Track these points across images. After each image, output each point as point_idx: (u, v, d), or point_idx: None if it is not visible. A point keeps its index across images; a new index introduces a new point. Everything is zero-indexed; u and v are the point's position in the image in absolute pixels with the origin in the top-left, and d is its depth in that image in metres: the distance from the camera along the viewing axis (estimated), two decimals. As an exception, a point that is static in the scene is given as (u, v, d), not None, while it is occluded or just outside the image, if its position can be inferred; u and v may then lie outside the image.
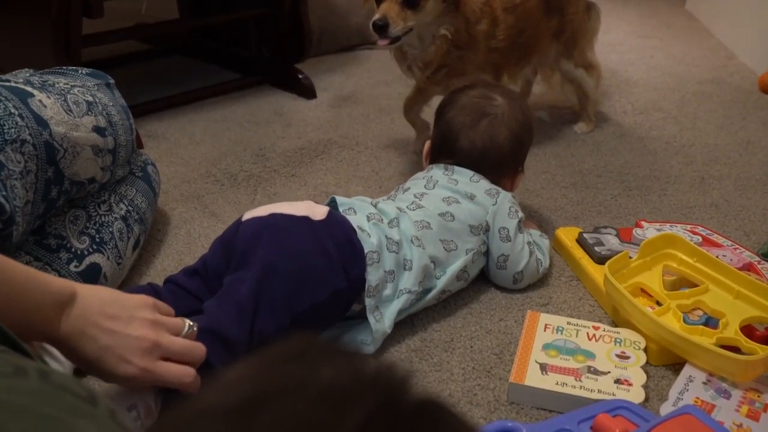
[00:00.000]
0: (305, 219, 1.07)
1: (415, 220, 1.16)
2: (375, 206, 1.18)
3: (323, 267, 1.05)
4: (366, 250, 1.08)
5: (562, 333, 1.11)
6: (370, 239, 1.09)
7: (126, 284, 1.24)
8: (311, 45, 2.22)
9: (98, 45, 1.91)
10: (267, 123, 1.93)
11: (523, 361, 1.05)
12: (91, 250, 1.13)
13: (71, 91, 1.15)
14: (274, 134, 1.86)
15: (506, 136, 1.29)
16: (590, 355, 1.07)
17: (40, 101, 1.06)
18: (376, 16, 1.46)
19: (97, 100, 1.18)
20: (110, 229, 1.17)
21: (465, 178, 1.25)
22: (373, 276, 1.08)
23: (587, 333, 1.11)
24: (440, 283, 1.16)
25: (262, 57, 2.23)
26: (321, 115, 1.99)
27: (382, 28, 1.45)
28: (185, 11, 2.40)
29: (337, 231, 1.08)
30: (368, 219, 1.13)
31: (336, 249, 1.06)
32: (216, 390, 0.39)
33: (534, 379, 1.02)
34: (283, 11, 2.12)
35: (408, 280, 1.11)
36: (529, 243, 1.25)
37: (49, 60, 1.71)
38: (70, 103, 1.12)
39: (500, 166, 1.30)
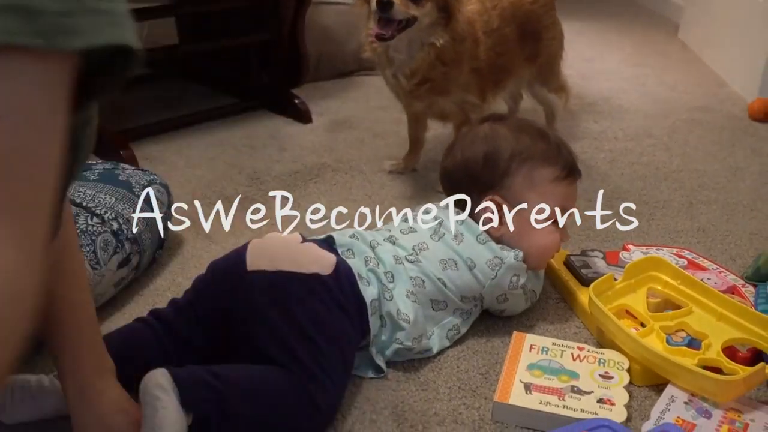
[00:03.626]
0: (316, 278, 1.05)
1: (411, 275, 1.14)
2: (373, 249, 1.16)
3: (347, 325, 1.05)
4: (369, 300, 1.09)
5: (547, 353, 1.13)
6: (369, 288, 1.10)
7: (118, 302, 1.26)
8: (308, 70, 2.26)
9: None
10: (263, 147, 1.96)
11: (508, 380, 1.06)
12: None
13: None
14: (269, 158, 1.89)
15: (462, 157, 1.26)
16: (574, 375, 1.08)
17: None
18: None
19: None
20: (93, 238, 1.19)
21: (472, 237, 1.19)
22: (374, 325, 1.09)
23: (572, 353, 1.13)
24: (434, 346, 1.15)
25: (260, 82, 2.27)
26: (316, 140, 2.02)
27: (386, 5, 1.45)
28: (185, 36, 2.45)
29: (345, 283, 1.08)
30: (366, 263, 1.13)
31: (348, 302, 1.07)
32: None
33: (518, 398, 1.03)
34: (280, 37, 2.16)
35: (402, 335, 1.11)
36: (523, 287, 1.20)
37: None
38: None
39: (456, 185, 1.26)
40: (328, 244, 1.15)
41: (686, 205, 1.69)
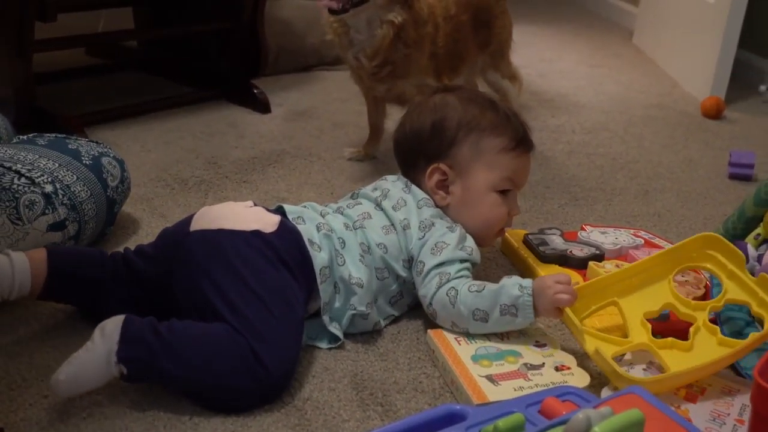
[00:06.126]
0: (256, 235, 1.05)
1: (359, 241, 1.14)
2: (323, 216, 1.16)
3: (291, 281, 1.04)
4: (319, 267, 1.07)
5: (475, 342, 1.08)
6: (320, 254, 1.08)
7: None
8: (267, 60, 2.25)
9: (52, 50, 1.90)
10: (221, 134, 1.93)
11: (470, 380, 1.00)
12: None
13: None
14: (228, 144, 1.86)
15: (410, 127, 1.24)
16: (517, 354, 1.06)
17: None
18: None
19: None
20: (15, 195, 1.16)
21: (413, 202, 1.18)
22: (325, 292, 1.07)
23: (495, 334, 1.10)
24: (379, 317, 1.14)
25: (218, 71, 2.24)
26: (275, 128, 2.00)
27: None
28: (142, 27, 2.41)
29: (289, 242, 1.07)
30: (318, 229, 1.11)
31: (292, 259, 1.05)
32: None
33: (494, 393, 0.97)
34: (240, 26, 2.14)
35: (355, 299, 1.10)
36: (442, 276, 1.10)
37: (3, 62, 1.71)
38: None
39: (405, 155, 1.25)
40: (280, 212, 1.14)
41: (642, 192, 1.71)
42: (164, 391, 0.96)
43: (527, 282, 1.07)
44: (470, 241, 1.16)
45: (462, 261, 1.13)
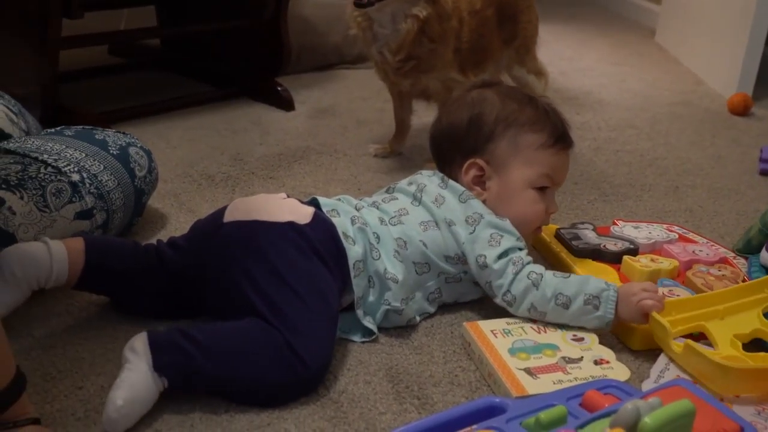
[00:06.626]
0: (290, 226, 1.04)
1: (395, 237, 1.12)
2: (358, 210, 1.15)
3: (326, 273, 1.03)
4: (353, 261, 1.06)
5: (511, 335, 1.07)
6: (354, 248, 1.07)
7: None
8: (290, 57, 2.24)
9: (77, 47, 1.91)
10: (245, 131, 1.93)
11: (508, 373, 0.98)
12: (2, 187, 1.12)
13: None
14: (252, 141, 1.86)
15: (446, 121, 1.23)
16: (554, 347, 1.04)
17: None
18: None
19: None
20: (42, 184, 1.16)
21: (454, 197, 1.15)
22: (358, 286, 1.06)
23: (532, 328, 1.09)
24: (415, 312, 1.12)
25: (240, 69, 2.24)
26: (299, 125, 1.99)
27: None
28: (165, 25, 2.41)
29: (324, 234, 1.06)
30: (352, 222, 1.10)
31: (327, 251, 1.04)
32: None
33: (533, 386, 0.96)
34: (262, 23, 2.14)
35: (390, 295, 1.08)
36: (516, 263, 1.09)
37: (27, 58, 1.71)
38: None
39: (441, 150, 1.24)
40: (314, 204, 1.13)
41: (672, 188, 1.69)
42: (199, 383, 0.96)
43: (613, 283, 1.07)
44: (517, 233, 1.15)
45: (520, 249, 1.12)
